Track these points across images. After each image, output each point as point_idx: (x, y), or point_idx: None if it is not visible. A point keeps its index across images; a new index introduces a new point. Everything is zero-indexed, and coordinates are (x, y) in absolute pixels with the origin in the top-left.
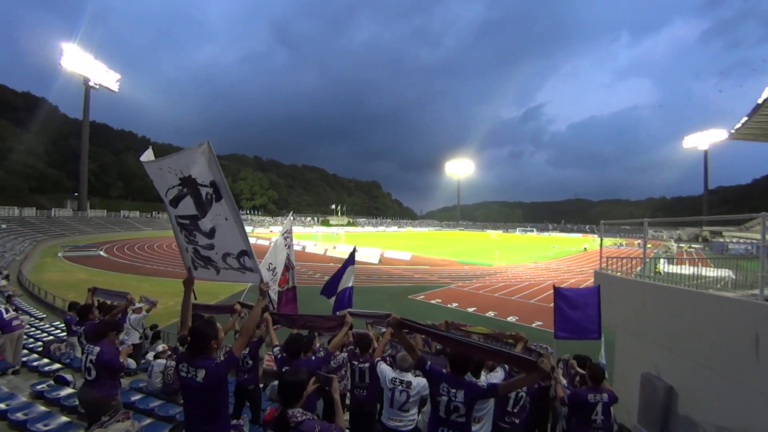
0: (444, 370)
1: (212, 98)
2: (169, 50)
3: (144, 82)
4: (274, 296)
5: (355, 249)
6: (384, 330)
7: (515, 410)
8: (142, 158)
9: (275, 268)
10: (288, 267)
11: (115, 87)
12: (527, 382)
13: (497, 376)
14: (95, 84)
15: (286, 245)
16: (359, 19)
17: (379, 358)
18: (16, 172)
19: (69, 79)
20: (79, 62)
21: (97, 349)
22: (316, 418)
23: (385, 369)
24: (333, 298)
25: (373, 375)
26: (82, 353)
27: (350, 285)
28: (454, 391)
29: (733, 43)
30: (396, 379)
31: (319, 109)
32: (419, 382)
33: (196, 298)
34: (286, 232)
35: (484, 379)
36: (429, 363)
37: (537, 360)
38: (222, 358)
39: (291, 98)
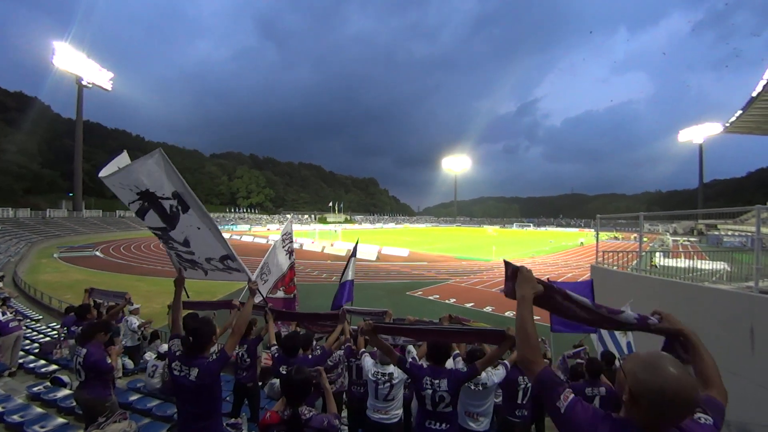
0: (424, 365)
1: (205, 95)
2: (161, 48)
3: (137, 80)
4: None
5: (357, 242)
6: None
7: (524, 402)
8: (101, 175)
9: (270, 268)
10: (294, 273)
11: (108, 86)
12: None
13: (498, 374)
14: (88, 83)
15: (285, 247)
16: (352, 14)
17: (363, 350)
18: (10, 172)
19: (61, 78)
20: (72, 61)
21: (84, 351)
22: (318, 412)
23: (367, 362)
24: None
25: None
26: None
27: (351, 278)
28: (437, 381)
29: (725, 34)
30: (378, 372)
31: (314, 105)
32: (400, 370)
33: (188, 297)
34: (285, 234)
35: (485, 375)
36: (409, 361)
37: (505, 329)
38: (215, 357)
39: (285, 95)
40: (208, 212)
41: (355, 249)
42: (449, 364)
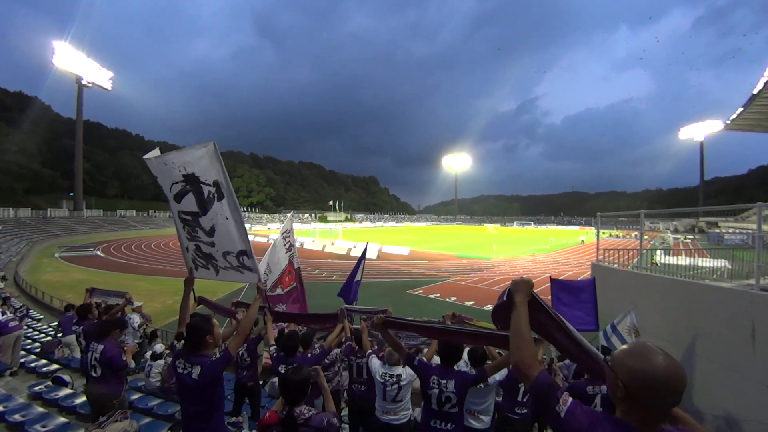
0: (433, 364)
1: (205, 95)
2: (160, 47)
3: (137, 79)
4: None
5: (367, 244)
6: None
7: (525, 399)
8: (146, 156)
9: (270, 267)
10: (293, 266)
11: (108, 85)
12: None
13: (500, 372)
14: (88, 82)
15: (285, 245)
16: (351, 13)
17: (370, 351)
18: (10, 172)
19: (61, 77)
20: (72, 60)
21: (101, 347)
22: (318, 411)
23: (375, 363)
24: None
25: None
26: (84, 352)
27: (359, 279)
28: (444, 381)
29: (725, 30)
30: (386, 374)
31: (314, 104)
32: (408, 372)
33: (195, 299)
34: (285, 231)
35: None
36: (417, 358)
37: None
38: (218, 355)
39: (285, 94)
40: (239, 206)
41: (365, 251)
42: None
